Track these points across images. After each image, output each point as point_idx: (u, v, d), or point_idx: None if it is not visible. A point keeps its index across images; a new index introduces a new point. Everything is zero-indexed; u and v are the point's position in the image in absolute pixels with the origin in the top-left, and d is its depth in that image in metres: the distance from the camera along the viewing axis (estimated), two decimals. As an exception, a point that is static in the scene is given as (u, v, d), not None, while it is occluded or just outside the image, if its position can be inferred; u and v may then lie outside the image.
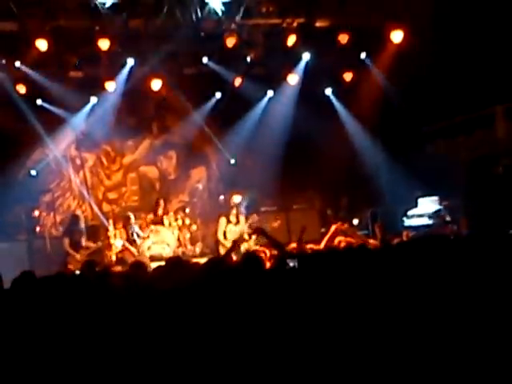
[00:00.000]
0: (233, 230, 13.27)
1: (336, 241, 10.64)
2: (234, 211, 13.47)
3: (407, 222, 13.83)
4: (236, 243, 10.74)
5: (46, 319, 4.79)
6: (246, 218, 13.53)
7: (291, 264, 5.60)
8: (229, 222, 13.37)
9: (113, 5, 12.51)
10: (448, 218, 12.96)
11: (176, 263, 6.11)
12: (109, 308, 5.03)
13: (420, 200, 13.95)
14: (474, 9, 12.65)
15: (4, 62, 13.40)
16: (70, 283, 5.58)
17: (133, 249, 13.45)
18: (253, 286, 4.92)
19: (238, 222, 13.38)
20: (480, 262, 4.84)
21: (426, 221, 13.42)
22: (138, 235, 13.64)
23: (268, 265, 6.41)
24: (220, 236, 13.34)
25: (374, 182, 15.10)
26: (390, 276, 4.50)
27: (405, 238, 10.44)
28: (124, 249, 13.51)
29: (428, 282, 4.36)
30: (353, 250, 5.54)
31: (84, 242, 13.51)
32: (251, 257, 5.98)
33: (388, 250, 5.46)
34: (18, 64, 13.38)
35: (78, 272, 9.96)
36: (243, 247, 12.10)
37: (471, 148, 14.01)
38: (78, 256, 13.06)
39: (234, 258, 9.34)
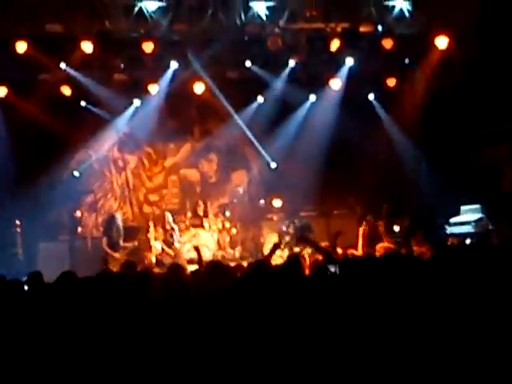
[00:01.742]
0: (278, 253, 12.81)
1: (377, 247, 10.48)
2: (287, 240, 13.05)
3: (449, 230, 13.62)
4: (276, 246, 10.63)
5: (84, 318, 4.83)
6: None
7: (332, 269, 5.53)
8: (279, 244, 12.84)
9: (157, 8, 12.64)
10: (491, 227, 12.73)
11: (216, 267, 6.10)
12: (147, 310, 5.04)
13: (462, 208, 13.74)
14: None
15: (50, 63, 13.56)
16: (109, 284, 5.62)
17: (170, 251, 13.50)
18: (294, 291, 4.89)
19: (284, 249, 13.00)
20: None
21: (468, 229, 13.20)
22: (176, 237, 13.68)
23: (307, 272, 6.36)
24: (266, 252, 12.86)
25: (416, 188, 14.95)
26: (435, 285, 4.43)
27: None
28: (162, 251, 13.58)
29: (476, 291, 4.28)
30: (396, 258, 5.45)
31: (121, 242, 13.61)
32: (294, 260, 5.97)
33: (433, 258, 5.38)
34: (63, 66, 13.55)
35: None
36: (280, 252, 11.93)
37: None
38: (116, 254, 13.17)
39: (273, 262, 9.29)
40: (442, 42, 13.47)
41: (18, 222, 13.90)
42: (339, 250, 9.23)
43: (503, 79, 13.09)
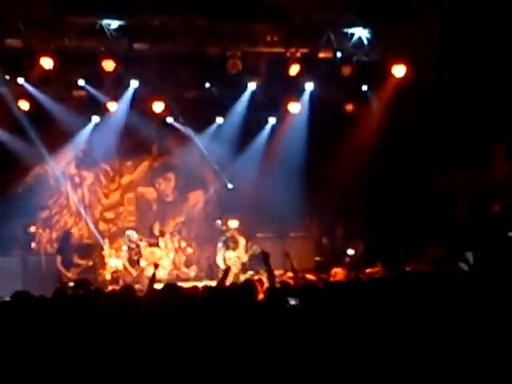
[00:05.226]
0: (233, 256, 13.20)
1: (332, 272, 10.46)
2: (230, 235, 13.40)
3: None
4: (228, 271, 10.67)
5: (36, 338, 4.81)
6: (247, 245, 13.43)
7: (292, 302, 5.50)
8: (227, 248, 13.30)
9: (118, 27, 12.68)
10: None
11: (171, 290, 6.11)
12: (95, 330, 5.03)
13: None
14: (476, 47, 12.78)
15: (8, 77, 13.48)
16: (59, 303, 5.61)
17: (132, 270, 13.45)
18: (245, 319, 4.92)
19: (236, 247, 13.31)
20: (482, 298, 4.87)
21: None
22: (142, 255, 13.65)
23: (261, 296, 6.41)
24: (220, 262, 13.29)
25: (371, 212, 15.11)
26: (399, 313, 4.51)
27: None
28: (124, 269, 13.51)
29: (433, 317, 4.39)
30: (355, 286, 5.52)
31: (75, 259, 13.51)
32: (249, 285, 6.02)
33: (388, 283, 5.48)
34: (21, 81, 13.46)
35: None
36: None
37: (468, 184, 14.04)
38: (69, 274, 13.06)
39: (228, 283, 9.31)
40: (399, 70, 13.72)
41: (-30, 237, 13.74)
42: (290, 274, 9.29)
43: (459, 107, 13.37)
